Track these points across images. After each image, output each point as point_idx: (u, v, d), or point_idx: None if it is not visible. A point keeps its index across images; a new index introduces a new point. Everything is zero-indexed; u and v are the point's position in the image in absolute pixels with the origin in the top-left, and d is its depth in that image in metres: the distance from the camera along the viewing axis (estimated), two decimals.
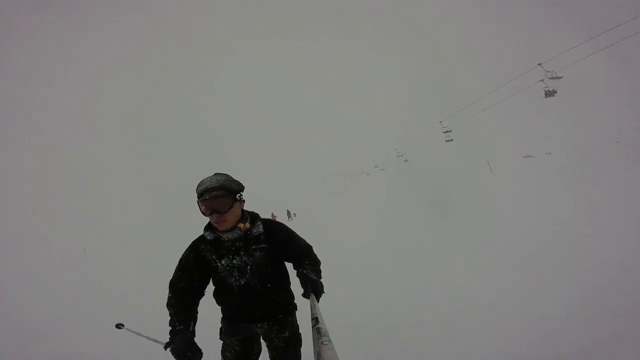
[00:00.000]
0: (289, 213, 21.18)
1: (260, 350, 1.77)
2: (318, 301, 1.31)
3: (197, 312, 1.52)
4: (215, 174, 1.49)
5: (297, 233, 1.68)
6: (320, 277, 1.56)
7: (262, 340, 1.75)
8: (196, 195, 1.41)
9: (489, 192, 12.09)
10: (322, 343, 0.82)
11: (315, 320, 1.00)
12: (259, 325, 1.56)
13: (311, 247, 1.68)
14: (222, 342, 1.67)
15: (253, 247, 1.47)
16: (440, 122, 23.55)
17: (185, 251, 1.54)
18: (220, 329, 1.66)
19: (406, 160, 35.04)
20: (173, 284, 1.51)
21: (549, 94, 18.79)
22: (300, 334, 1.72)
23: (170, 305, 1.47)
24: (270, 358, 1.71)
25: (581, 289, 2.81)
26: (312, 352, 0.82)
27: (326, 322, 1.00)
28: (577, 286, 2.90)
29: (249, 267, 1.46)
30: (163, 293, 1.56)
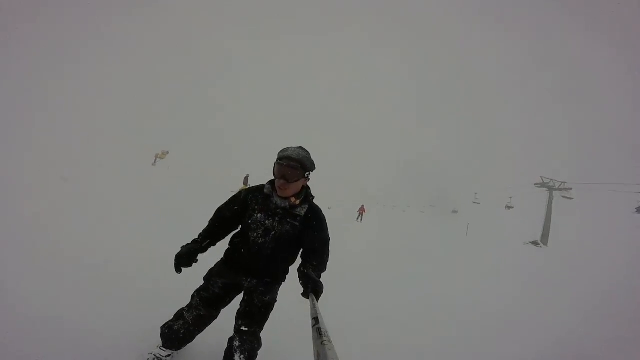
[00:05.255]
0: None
1: (229, 302, 1.76)
2: (318, 301, 1.31)
3: (221, 238, 1.73)
4: (300, 147, 1.64)
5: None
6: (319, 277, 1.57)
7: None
8: (277, 156, 1.58)
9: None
10: (322, 343, 0.81)
11: (315, 320, 0.99)
12: (248, 280, 1.65)
13: (328, 254, 1.70)
14: (203, 281, 1.72)
15: (288, 219, 1.60)
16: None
17: (246, 189, 1.73)
18: (212, 269, 1.75)
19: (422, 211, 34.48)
20: (219, 208, 1.73)
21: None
22: (276, 301, 1.73)
23: (209, 221, 1.71)
24: (241, 312, 1.67)
25: (587, 294, 2.79)
26: (312, 352, 0.81)
27: (326, 322, 1.00)
28: (583, 289, 2.89)
29: (273, 232, 1.60)
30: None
